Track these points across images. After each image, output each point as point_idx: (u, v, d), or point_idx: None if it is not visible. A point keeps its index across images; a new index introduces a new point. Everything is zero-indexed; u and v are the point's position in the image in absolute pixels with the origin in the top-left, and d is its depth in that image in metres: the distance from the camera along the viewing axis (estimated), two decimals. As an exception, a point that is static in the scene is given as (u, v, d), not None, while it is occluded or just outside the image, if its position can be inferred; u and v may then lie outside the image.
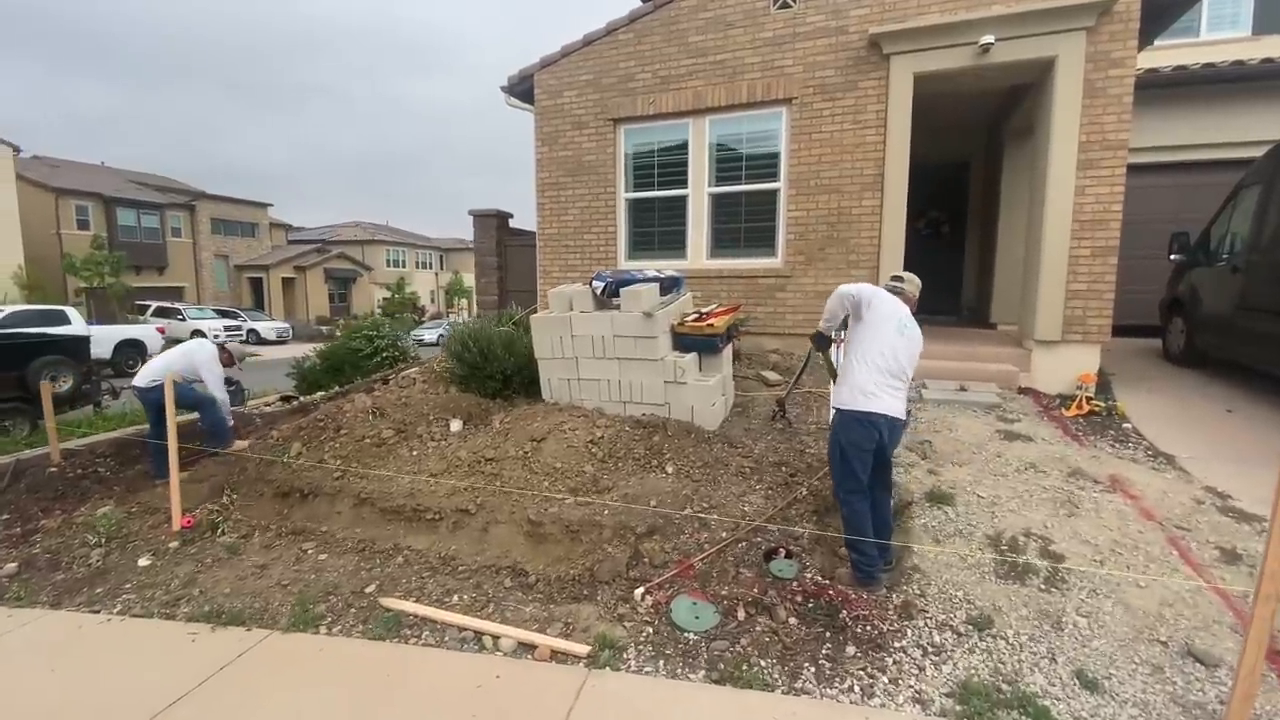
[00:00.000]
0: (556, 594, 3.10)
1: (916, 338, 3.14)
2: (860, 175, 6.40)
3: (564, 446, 4.58)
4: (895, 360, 3.01)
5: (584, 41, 7.39)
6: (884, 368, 2.99)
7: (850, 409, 2.99)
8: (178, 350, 5.36)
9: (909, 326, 3.11)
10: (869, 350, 3.01)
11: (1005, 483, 3.91)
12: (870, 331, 3.04)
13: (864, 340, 3.05)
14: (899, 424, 3.06)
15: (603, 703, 2.31)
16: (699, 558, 3.21)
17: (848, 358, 3.10)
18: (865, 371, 2.99)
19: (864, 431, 2.96)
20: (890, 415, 2.97)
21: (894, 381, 3.01)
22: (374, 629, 2.88)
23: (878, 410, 2.94)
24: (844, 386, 3.07)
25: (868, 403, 2.95)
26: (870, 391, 2.96)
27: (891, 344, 3.01)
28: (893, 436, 3.06)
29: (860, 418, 2.96)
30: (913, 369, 3.14)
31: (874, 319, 3.05)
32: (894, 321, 3.05)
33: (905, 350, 3.05)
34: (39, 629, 3.05)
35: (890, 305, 3.12)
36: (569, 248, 7.77)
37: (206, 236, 32.86)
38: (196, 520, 4.17)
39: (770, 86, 6.61)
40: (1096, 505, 3.55)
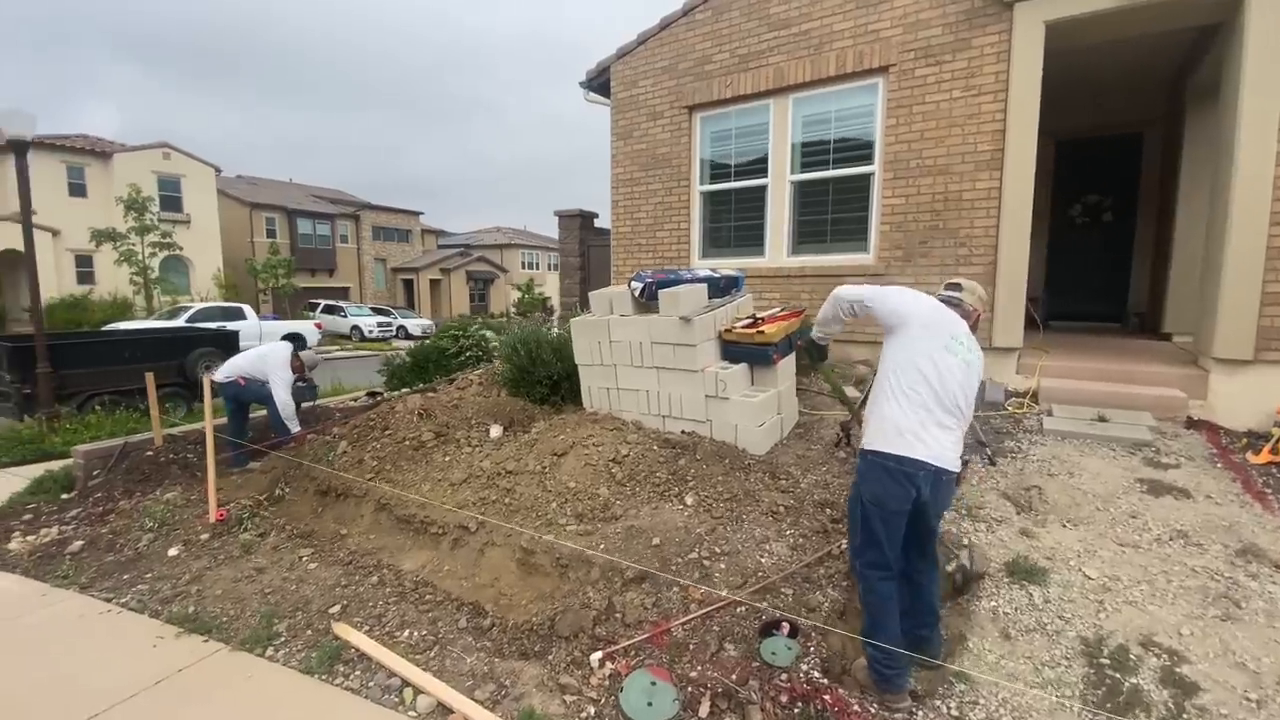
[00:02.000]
0: (507, 645, 2.68)
1: (975, 363, 2.31)
2: (973, 152, 5.28)
3: (583, 464, 4.15)
4: (944, 387, 2.21)
5: (660, 26, 6.91)
6: (928, 399, 2.20)
7: (878, 452, 2.23)
8: (255, 352, 5.70)
9: (966, 346, 2.29)
10: (906, 373, 2.24)
11: (1133, 557, 2.85)
12: (908, 348, 2.27)
13: (899, 359, 2.28)
14: (949, 477, 2.25)
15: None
16: (681, 621, 2.62)
17: (878, 383, 2.35)
18: (901, 403, 2.22)
19: (896, 486, 2.18)
20: (936, 465, 2.18)
21: (943, 418, 2.22)
22: (312, 659, 2.66)
23: (917, 457, 2.16)
24: (872, 421, 2.32)
25: (903, 445, 2.18)
26: (907, 430, 2.19)
27: (938, 365, 2.21)
28: (939, 494, 2.26)
29: (891, 467, 2.19)
30: (971, 404, 2.31)
31: (912, 330, 2.28)
32: (942, 335, 2.26)
33: (959, 376, 2.24)
34: (53, 614, 3.21)
35: (936, 313, 2.32)
36: (641, 246, 7.34)
37: (368, 242, 36.83)
38: (229, 515, 4.30)
39: (862, 55, 5.68)
40: (1272, 607, 2.43)
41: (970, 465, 3.92)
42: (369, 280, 36.77)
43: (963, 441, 2.30)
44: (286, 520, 4.38)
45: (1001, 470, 3.84)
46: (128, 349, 9.61)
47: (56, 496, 5.20)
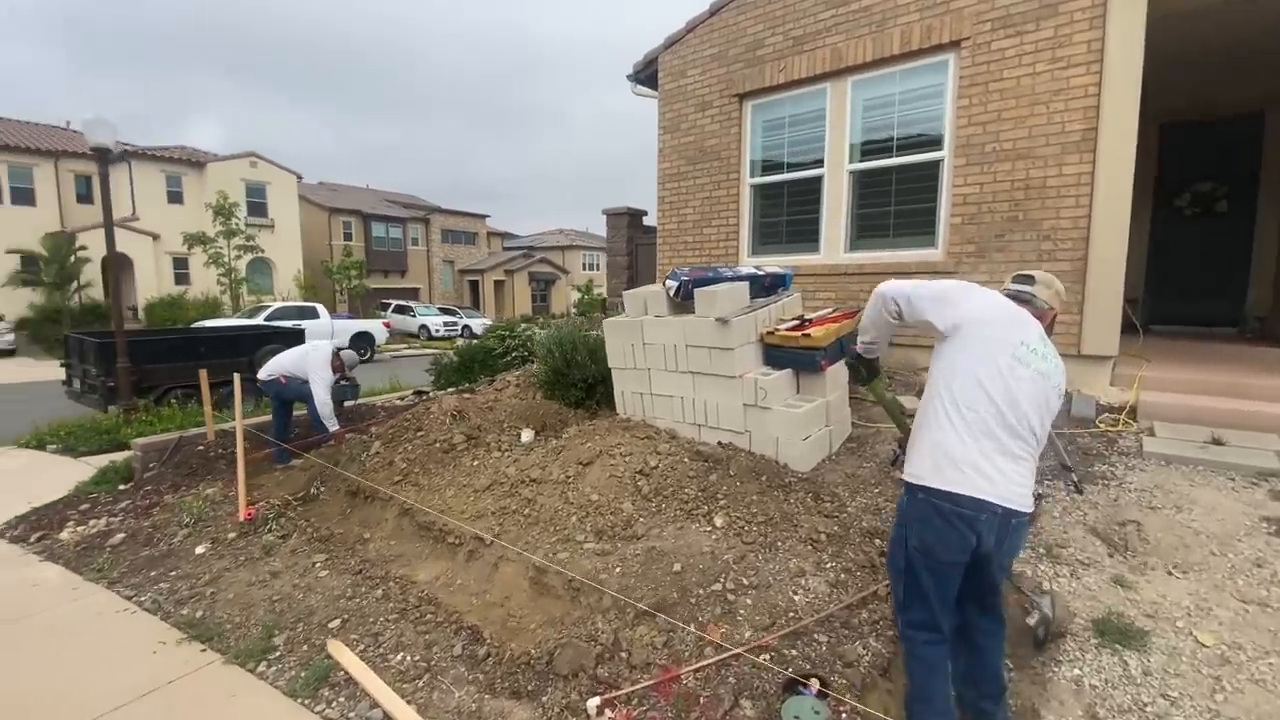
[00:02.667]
0: (500, 680, 2.42)
1: (1054, 374, 1.85)
2: (1060, 133, 4.64)
3: (608, 475, 3.87)
4: (1013, 406, 1.77)
5: (710, 11, 6.55)
6: (992, 421, 1.76)
7: (929, 489, 1.80)
8: (298, 350, 5.76)
9: (1040, 354, 1.83)
10: (964, 388, 1.80)
11: (1260, 619, 2.29)
12: (966, 355, 1.83)
13: (955, 369, 1.84)
14: (1020, 520, 1.80)
15: None
16: (693, 667, 2.29)
17: (926, 400, 1.92)
18: (957, 426, 1.79)
19: (951, 533, 1.75)
20: (1004, 506, 1.74)
21: (1011, 445, 1.77)
22: (300, 679, 2.50)
23: (980, 496, 1.73)
24: (919, 448, 1.89)
25: (959, 480, 1.75)
26: (965, 462, 1.75)
27: (1004, 377, 1.77)
28: (1006, 541, 1.81)
29: (946, 509, 1.76)
30: (1047, 427, 1.86)
31: (972, 333, 1.84)
32: (1010, 340, 1.81)
33: (1032, 391, 1.79)
34: (74, 610, 3.23)
35: (1002, 311, 1.88)
36: (687, 244, 7.00)
37: (437, 245, 38.08)
38: (257, 514, 4.29)
39: (930, 29, 5.13)
40: None
41: (1050, 493, 3.38)
42: (437, 281, 38.01)
43: (1035, 472, 1.86)
44: (311, 522, 4.33)
45: (1091, 500, 3.27)
46: (202, 345, 10.11)
47: (115, 487, 5.41)
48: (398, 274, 35.53)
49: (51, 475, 5.88)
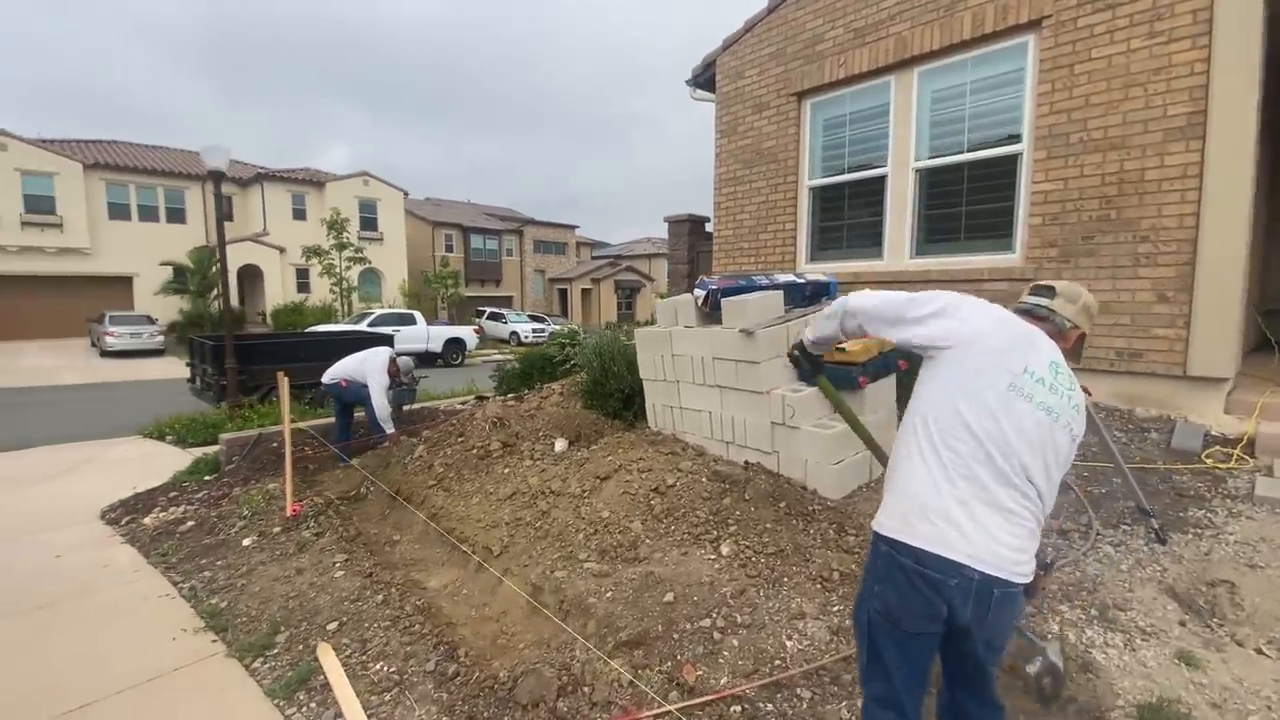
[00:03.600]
0: (462, 703, 2.34)
1: (1063, 411, 1.47)
2: (1161, 118, 4.00)
3: (622, 491, 3.74)
4: (1004, 449, 1.42)
5: (769, 9, 6.29)
6: (975, 462, 1.43)
7: (891, 540, 1.49)
8: (358, 356, 6.09)
9: (1048, 385, 1.47)
10: (944, 423, 1.47)
11: (1387, 730, 1.77)
12: (948, 385, 1.50)
13: (935, 401, 1.52)
14: (1005, 593, 1.42)
15: None
16: (652, 713, 2.10)
17: (902, 434, 1.59)
18: (930, 466, 1.47)
19: (913, 595, 1.44)
20: (980, 570, 1.39)
21: (999, 494, 1.42)
22: (284, 678, 2.57)
23: (947, 555, 1.40)
24: (889, 490, 1.57)
25: (928, 534, 1.43)
26: (937, 511, 1.43)
27: (994, 412, 1.44)
28: (989, 616, 1.43)
29: (907, 565, 1.44)
30: (1055, 479, 1.50)
31: (960, 358, 1.50)
32: (1007, 368, 1.46)
33: (1032, 431, 1.44)
34: (124, 594, 3.54)
35: (1003, 333, 1.52)
36: (743, 250, 6.73)
37: (529, 255, 39.61)
38: (303, 511, 4.54)
39: (1006, 9, 4.60)
40: None
41: (1125, 541, 2.86)
42: (529, 290, 39.50)
43: (1038, 536, 1.49)
44: (349, 521, 4.52)
45: (1174, 552, 2.73)
46: (302, 349, 11.02)
47: (202, 477, 5.95)
48: (493, 283, 37.28)
49: (160, 464, 6.58)
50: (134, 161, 24.05)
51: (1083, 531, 2.98)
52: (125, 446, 7.68)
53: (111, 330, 19.00)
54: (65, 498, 5.49)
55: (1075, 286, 1.67)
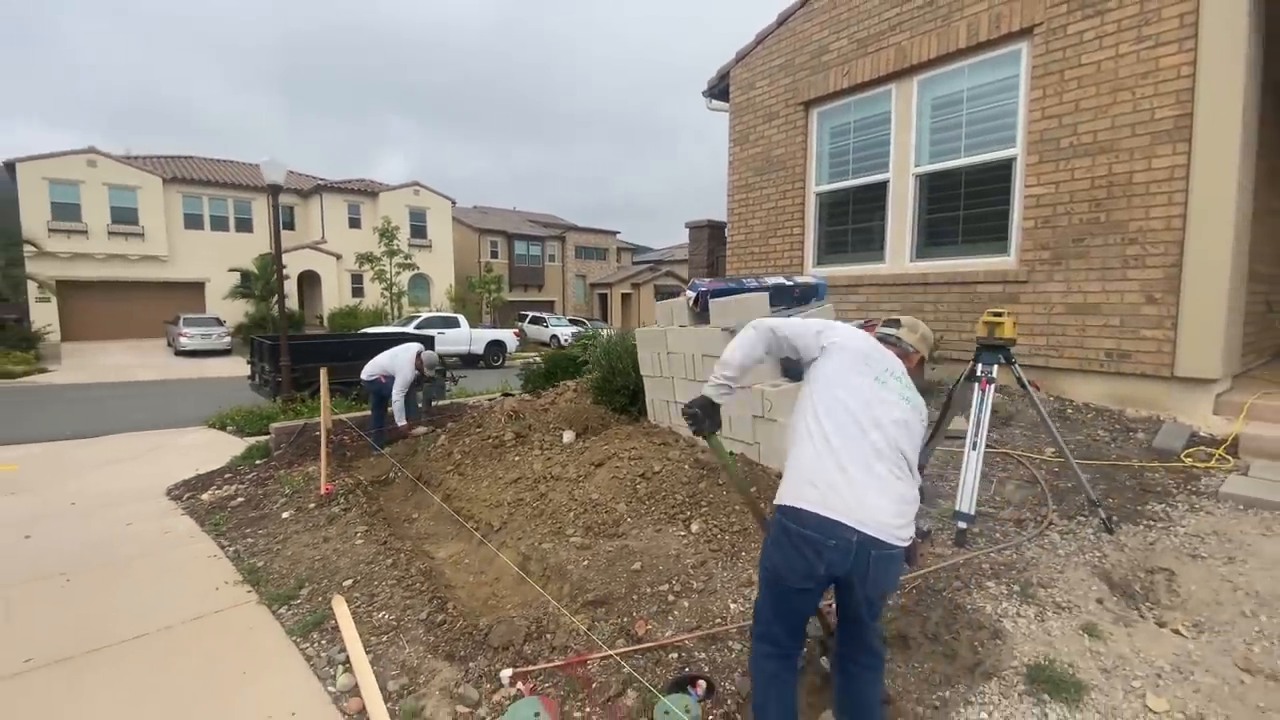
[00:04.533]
0: (444, 644, 2.70)
1: (920, 407, 1.81)
2: (1148, 121, 4.06)
3: (611, 477, 4.06)
4: (878, 426, 1.70)
5: (778, 22, 6.52)
6: (856, 440, 1.68)
7: (782, 505, 1.73)
8: (389, 353, 6.60)
9: (904, 384, 1.81)
10: (826, 405, 1.74)
11: (1255, 693, 1.91)
12: (830, 382, 1.78)
13: (817, 391, 1.79)
14: (882, 554, 1.63)
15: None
16: (599, 655, 2.40)
17: (793, 424, 1.84)
18: (816, 441, 1.71)
19: (794, 556, 1.66)
20: (860, 531, 1.60)
21: (876, 464, 1.67)
22: (303, 621, 2.99)
23: (828, 514, 1.62)
24: (787, 470, 1.80)
25: (811, 496, 1.65)
26: (820, 476, 1.66)
27: (867, 400, 1.73)
28: (869, 574, 1.65)
29: (791, 528, 1.66)
30: (916, 456, 1.77)
31: (837, 361, 1.80)
32: (873, 367, 1.79)
33: (897, 416, 1.73)
34: (183, 554, 4.07)
35: (865, 341, 1.88)
36: (754, 254, 6.96)
37: (571, 260, 40.43)
38: (335, 490, 5.03)
39: (1000, 18, 4.72)
40: None
41: (1074, 530, 2.99)
42: (570, 294, 40.31)
43: (915, 503, 1.73)
44: (376, 500, 4.98)
45: (1121, 541, 2.85)
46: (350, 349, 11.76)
47: (254, 461, 6.58)
48: (535, 288, 38.23)
49: (219, 450, 7.26)
50: (207, 175, 25.95)
51: (1038, 520, 3.12)
52: (191, 435, 8.47)
53: (185, 331, 20.57)
54: (137, 478, 6.18)
55: (915, 320, 2.07)
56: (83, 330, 22.57)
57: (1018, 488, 3.49)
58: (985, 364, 2.99)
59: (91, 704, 2.44)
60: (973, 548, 2.84)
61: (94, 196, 22.67)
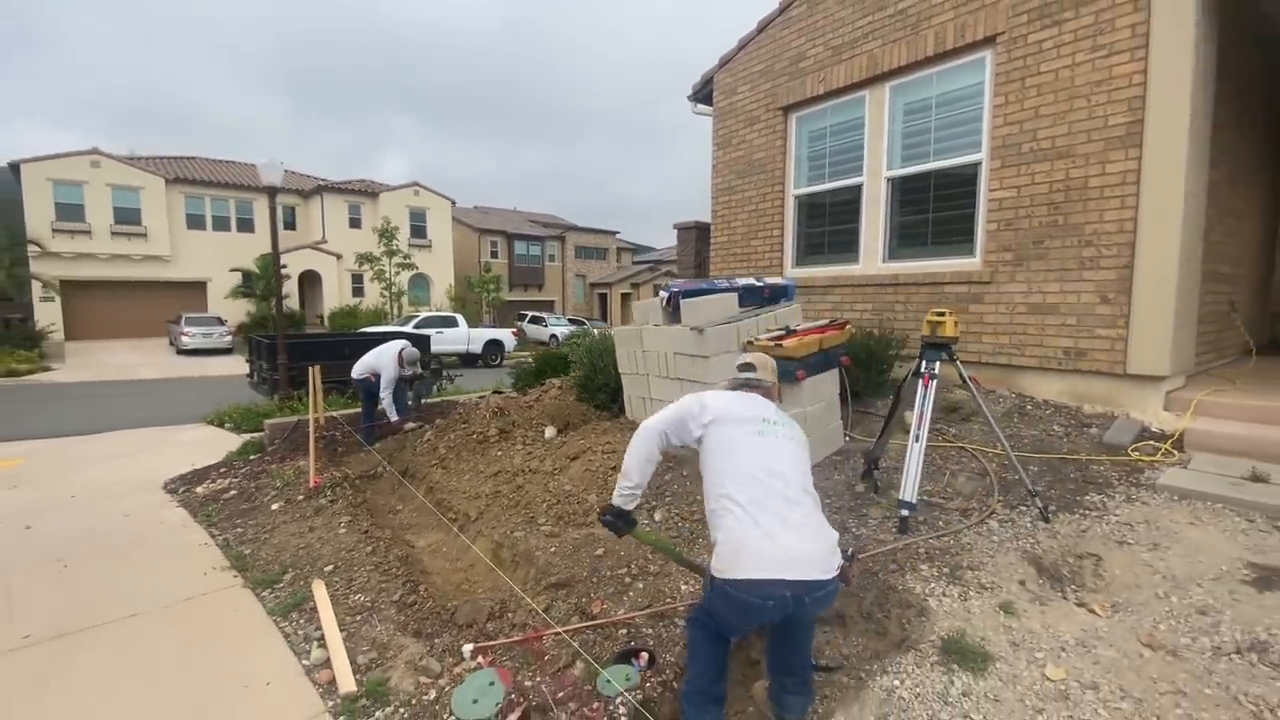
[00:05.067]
0: (413, 623, 2.88)
1: (800, 437, 2.05)
2: (1102, 128, 4.21)
3: (585, 470, 4.23)
4: (775, 475, 1.87)
5: (758, 29, 6.68)
6: (764, 496, 1.83)
7: (727, 579, 1.79)
8: (375, 351, 6.79)
9: (781, 423, 2.04)
10: (729, 477, 1.89)
11: (1151, 665, 2.07)
12: (723, 450, 1.95)
13: (717, 468, 1.94)
14: (825, 593, 1.80)
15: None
16: (552, 631, 2.58)
17: (709, 504, 1.96)
18: (737, 513, 1.82)
19: (742, 618, 1.86)
20: (797, 579, 1.73)
21: (790, 513, 1.82)
22: (284, 603, 3.17)
23: (771, 576, 1.73)
24: (716, 547, 1.88)
25: (750, 564, 1.75)
26: (752, 546, 1.76)
27: (759, 454, 1.92)
28: (808, 610, 1.82)
29: (739, 597, 1.76)
30: (809, 478, 1.98)
31: (722, 429, 1.98)
32: (752, 421, 2.00)
33: (787, 457, 1.94)
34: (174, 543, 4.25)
35: (736, 404, 2.07)
36: (737, 256, 7.12)
37: (571, 260, 40.62)
38: (323, 483, 5.21)
39: (964, 26, 4.88)
40: None
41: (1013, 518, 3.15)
42: (570, 294, 40.49)
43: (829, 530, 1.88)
44: (361, 493, 5.17)
45: (1056, 529, 3.01)
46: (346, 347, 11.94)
47: (248, 456, 6.76)
48: (535, 287, 38.43)
49: (216, 446, 7.45)
50: (209, 176, 26.20)
51: (982, 510, 3.28)
52: (190, 432, 8.67)
53: (187, 330, 20.82)
54: (136, 472, 6.37)
55: (760, 355, 2.33)
56: (86, 329, 22.83)
57: (969, 480, 3.65)
58: (929, 361, 3.16)
59: (83, 674, 2.62)
60: (914, 534, 3.01)
61: (97, 197, 22.93)
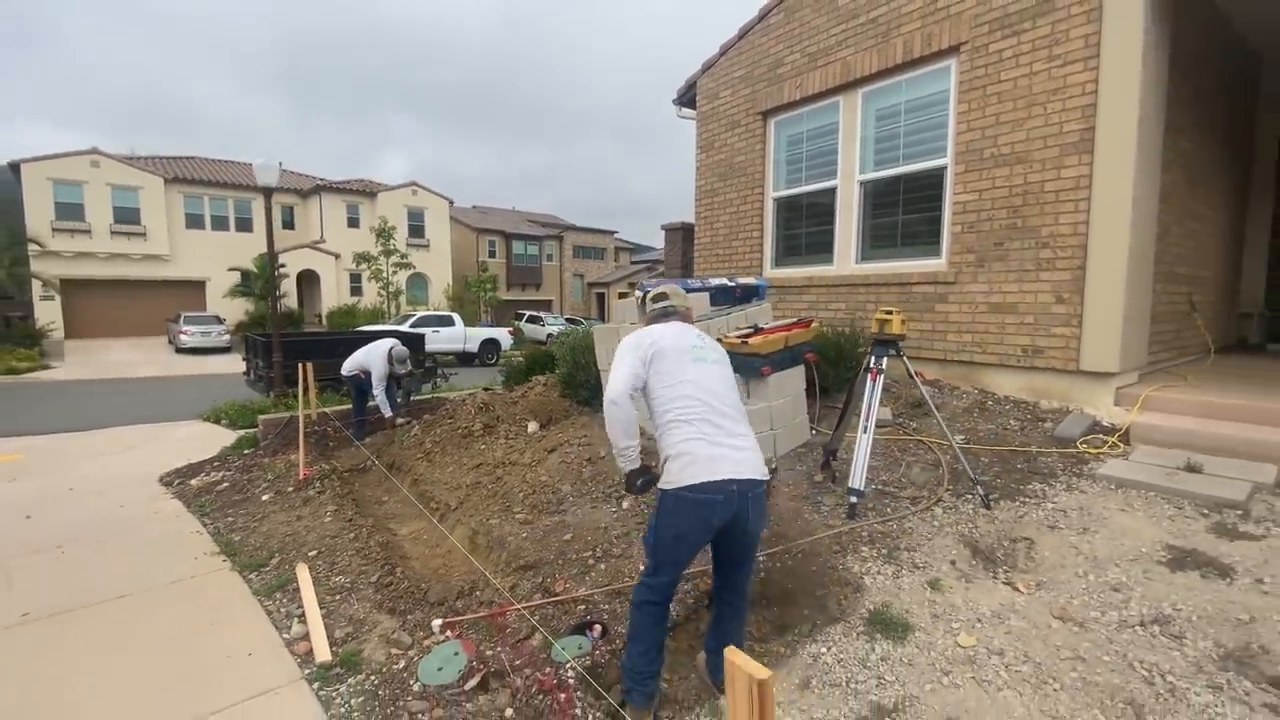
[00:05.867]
0: (389, 601, 3.07)
1: (724, 357, 2.28)
2: (1058, 134, 4.39)
3: (560, 461, 4.42)
4: (711, 395, 2.11)
5: (739, 35, 6.87)
6: (705, 414, 2.06)
7: (679, 487, 2.00)
8: (365, 349, 6.97)
9: (705, 346, 2.24)
10: (673, 401, 2.10)
11: (1058, 635, 2.25)
12: (666, 379, 2.14)
13: (662, 395, 2.13)
14: (760, 491, 2.05)
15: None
16: (516, 607, 2.76)
17: (658, 427, 2.15)
18: (684, 430, 2.06)
19: (697, 517, 1.99)
20: (740, 478, 1.99)
21: (727, 425, 2.08)
22: (268, 584, 3.36)
23: (718, 476, 1.97)
24: (667, 464, 2.08)
25: (699, 470, 1.98)
26: (699, 455, 2.00)
27: (694, 378, 2.12)
28: (751, 508, 2.02)
29: (692, 497, 1.97)
30: (736, 395, 2.22)
31: (663, 363, 2.16)
32: (685, 350, 2.19)
33: (717, 377, 2.18)
34: (168, 529, 4.44)
35: (669, 335, 2.24)
36: (719, 256, 7.31)
37: (569, 260, 40.81)
38: (312, 475, 5.40)
39: (931, 36, 5.06)
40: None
41: (956, 506, 3.34)
42: (568, 294, 40.68)
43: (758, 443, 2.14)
44: (346, 485, 5.35)
45: (995, 515, 3.19)
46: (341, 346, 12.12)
47: (242, 451, 6.95)
48: (533, 287, 38.61)
49: (212, 441, 7.64)
50: (208, 176, 26.39)
51: (929, 498, 3.46)
52: (187, 428, 8.85)
53: (185, 329, 21.01)
54: (133, 466, 6.55)
55: (672, 286, 2.56)
56: (86, 328, 23.02)
57: (923, 470, 3.83)
58: (877, 356, 3.34)
59: (77, 648, 2.81)
60: (862, 519, 3.19)
61: (97, 196, 23.12)
